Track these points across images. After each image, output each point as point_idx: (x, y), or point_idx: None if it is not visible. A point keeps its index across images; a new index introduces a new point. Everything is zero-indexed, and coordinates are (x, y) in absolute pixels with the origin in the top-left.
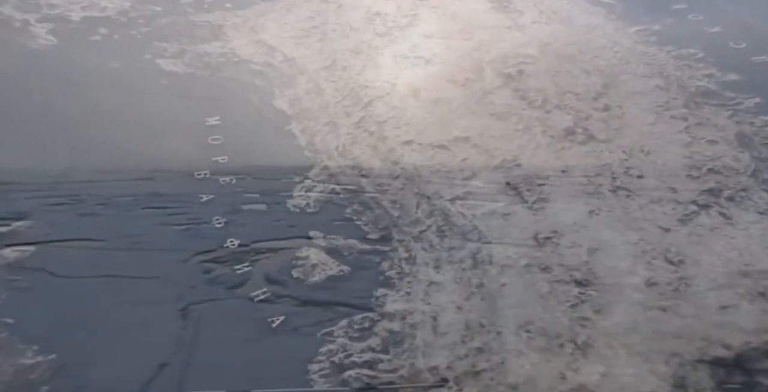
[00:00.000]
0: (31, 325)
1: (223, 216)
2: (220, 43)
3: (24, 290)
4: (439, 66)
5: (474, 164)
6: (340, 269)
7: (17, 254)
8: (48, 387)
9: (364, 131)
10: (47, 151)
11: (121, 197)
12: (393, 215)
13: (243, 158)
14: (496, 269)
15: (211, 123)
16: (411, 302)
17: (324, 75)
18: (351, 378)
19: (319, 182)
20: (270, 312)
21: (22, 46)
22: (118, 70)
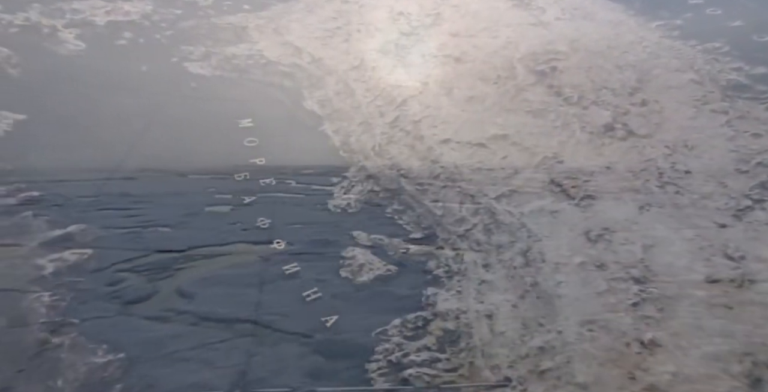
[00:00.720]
0: (99, 324)
1: (268, 217)
2: (246, 45)
3: (88, 292)
4: (469, 64)
5: (515, 161)
6: (387, 268)
7: (77, 256)
8: (121, 385)
9: (400, 130)
10: (87, 154)
11: (166, 196)
12: (436, 214)
13: (280, 160)
14: (550, 267)
15: (244, 125)
16: (463, 301)
17: (353, 75)
18: (411, 377)
19: (357, 182)
20: (318, 312)
21: (52, 52)
22: (147, 73)
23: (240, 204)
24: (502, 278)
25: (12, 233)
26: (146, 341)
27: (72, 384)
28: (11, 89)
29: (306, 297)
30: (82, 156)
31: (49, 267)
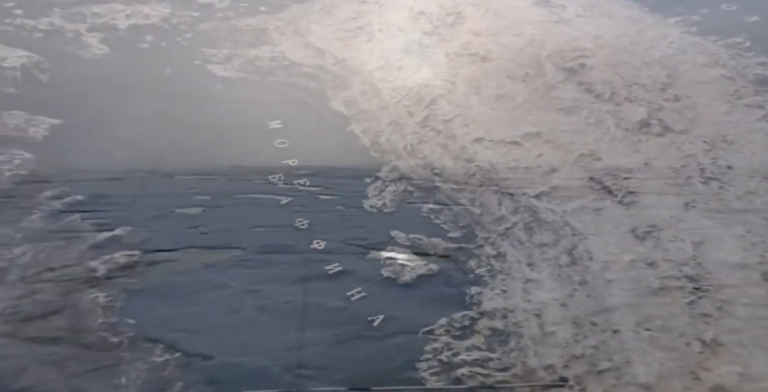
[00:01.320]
0: (152, 324)
1: (305, 218)
2: (268, 47)
3: (138, 292)
4: (496, 62)
5: (551, 159)
6: (428, 268)
7: (126, 258)
8: (182, 383)
9: (431, 129)
10: (123, 156)
11: (202, 196)
12: (474, 212)
13: (311, 161)
14: (599, 266)
15: (274, 127)
16: (510, 299)
17: (379, 75)
18: (464, 377)
19: (390, 182)
20: (369, 310)
21: (77, 56)
22: (172, 76)
23: (277, 205)
24: (548, 277)
25: (62, 236)
26: (204, 339)
27: (135, 383)
28: (44, 94)
29: (351, 297)
30: (119, 158)
31: (101, 269)
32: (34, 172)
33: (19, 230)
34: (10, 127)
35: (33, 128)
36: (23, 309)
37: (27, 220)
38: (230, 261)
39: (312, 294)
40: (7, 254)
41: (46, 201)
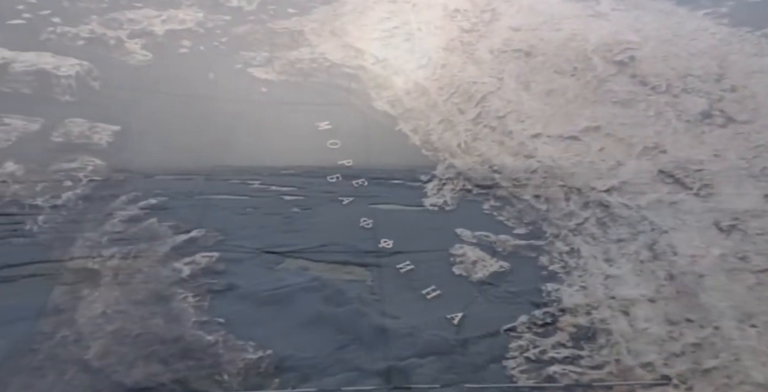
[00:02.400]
0: (241, 323)
1: (369, 217)
2: (307, 48)
3: (222, 292)
4: (541, 57)
5: (614, 153)
6: (499, 265)
7: (206, 259)
8: (279, 380)
9: (485, 126)
10: (183, 159)
11: (265, 198)
12: (540, 209)
13: (365, 161)
14: (685, 260)
15: (323, 128)
16: (591, 296)
17: (422, 74)
18: (557, 375)
19: (448, 180)
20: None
21: (122, 62)
22: (215, 81)
23: (339, 205)
24: (630, 273)
25: (145, 239)
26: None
27: (236, 378)
28: (98, 102)
29: (426, 295)
30: (181, 162)
31: (185, 270)
32: (108, 178)
33: (103, 234)
34: (75, 134)
35: (97, 135)
36: (118, 309)
37: (109, 224)
38: (303, 261)
39: (387, 293)
40: (97, 257)
41: (124, 205)
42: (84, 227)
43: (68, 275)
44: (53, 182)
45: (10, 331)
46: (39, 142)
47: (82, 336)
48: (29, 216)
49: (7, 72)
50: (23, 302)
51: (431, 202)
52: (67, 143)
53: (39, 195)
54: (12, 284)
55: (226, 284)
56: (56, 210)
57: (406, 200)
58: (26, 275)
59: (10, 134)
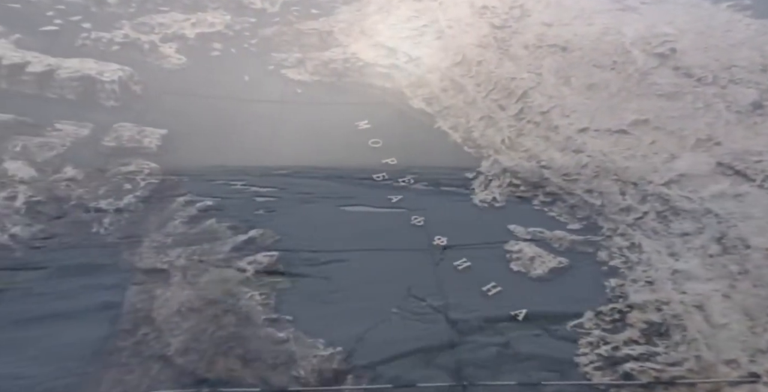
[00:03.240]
0: (308, 320)
1: (420, 215)
2: (339, 49)
3: (287, 291)
4: (578, 52)
5: (666, 146)
6: (558, 260)
7: (268, 258)
8: (352, 375)
9: (528, 122)
10: (231, 161)
11: (315, 196)
12: (593, 203)
13: (409, 159)
14: (761, 254)
15: (363, 127)
16: (659, 291)
17: (458, 71)
18: (634, 372)
19: (494, 177)
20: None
21: (157, 66)
22: (251, 83)
23: (388, 204)
24: (699, 267)
25: (207, 240)
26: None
27: (311, 374)
28: (142, 106)
29: (487, 292)
30: (230, 164)
31: (249, 269)
32: (163, 180)
33: (167, 235)
34: (126, 138)
35: (147, 139)
36: (192, 307)
37: (171, 225)
38: (359, 259)
39: (449, 290)
40: (164, 258)
41: (181, 207)
42: (148, 228)
43: (140, 276)
44: (113, 186)
45: (93, 329)
46: (91, 146)
47: (162, 333)
48: (95, 219)
49: (52, 78)
50: (101, 301)
51: (480, 198)
52: (119, 147)
53: (102, 198)
54: (88, 285)
55: (289, 283)
56: (119, 213)
57: (455, 197)
58: (101, 275)
59: (64, 140)
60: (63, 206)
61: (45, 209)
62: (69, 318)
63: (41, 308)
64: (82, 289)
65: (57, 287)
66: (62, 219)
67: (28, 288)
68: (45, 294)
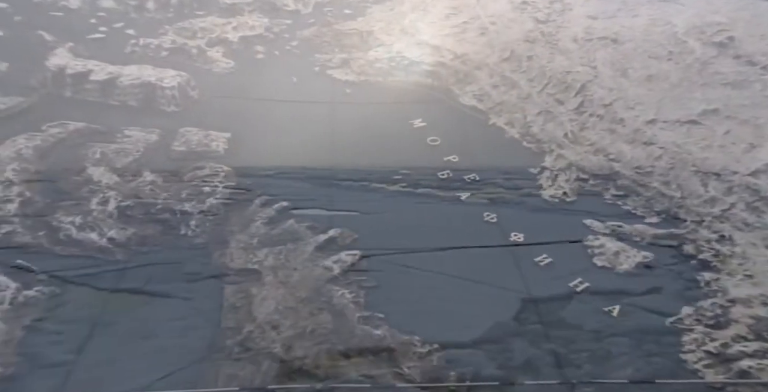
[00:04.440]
0: (399, 317)
1: (492, 212)
2: (383, 48)
3: (374, 289)
4: (629, 44)
5: (742, 135)
6: (642, 255)
7: (351, 257)
8: (455, 373)
9: (590, 115)
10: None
11: (383, 195)
12: (672, 196)
13: (469, 155)
14: None
15: (418, 125)
16: (762, 285)
17: (507, 67)
18: (752, 370)
19: (560, 171)
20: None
21: (207, 71)
22: (300, 84)
23: (457, 201)
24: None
25: (290, 240)
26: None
27: (414, 371)
28: (200, 110)
29: (575, 288)
30: (293, 164)
31: (335, 268)
32: (238, 183)
33: (252, 236)
34: (194, 142)
35: (214, 143)
36: (288, 305)
37: (254, 227)
38: (438, 257)
39: (534, 286)
40: (254, 258)
41: (260, 209)
42: (232, 230)
43: (233, 276)
44: (193, 189)
45: (199, 327)
46: (163, 151)
47: (265, 331)
48: (181, 221)
49: (115, 86)
50: (202, 301)
51: (550, 194)
52: (189, 152)
53: (185, 201)
54: (187, 285)
55: (375, 281)
56: (204, 215)
57: (523, 193)
58: (197, 276)
59: (137, 145)
60: (150, 210)
61: (134, 213)
62: (174, 316)
63: (148, 307)
64: (183, 289)
65: (159, 287)
66: (152, 223)
67: (135, 289)
68: (150, 294)
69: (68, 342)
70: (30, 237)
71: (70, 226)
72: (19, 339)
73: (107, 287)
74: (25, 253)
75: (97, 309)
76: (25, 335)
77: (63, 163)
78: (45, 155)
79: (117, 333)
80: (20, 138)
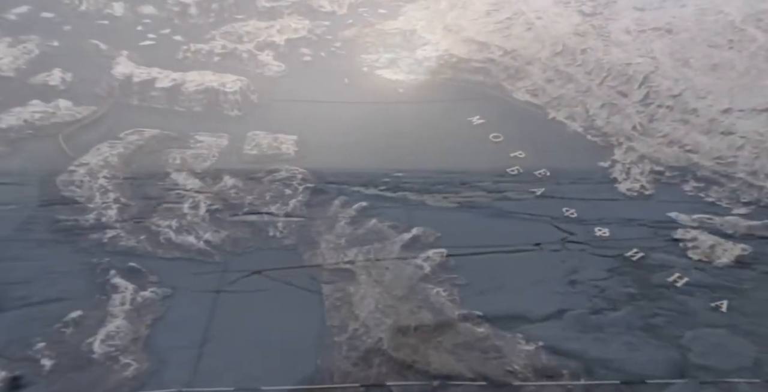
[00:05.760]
0: (496, 315)
1: (569, 206)
2: (429, 46)
3: (465, 286)
4: (685, 33)
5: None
6: (740, 248)
7: (439, 256)
8: (567, 371)
9: (659, 106)
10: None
11: (456, 193)
12: (762, 186)
13: (535, 151)
14: None
15: (477, 122)
16: None
17: (561, 61)
18: None
19: (632, 164)
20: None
21: (259, 74)
22: (353, 85)
23: (534, 197)
24: None
25: (375, 239)
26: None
27: (526, 369)
28: (262, 114)
29: (673, 283)
30: (362, 165)
31: (426, 267)
32: (315, 184)
33: (339, 236)
34: (264, 146)
35: (284, 145)
36: (387, 304)
37: (338, 227)
38: (525, 254)
39: (628, 282)
40: (344, 258)
41: (341, 209)
42: (319, 231)
43: (328, 275)
44: (275, 192)
45: (305, 324)
46: (236, 155)
47: (369, 329)
48: (269, 223)
49: (180, 92)
50: (302, 299)
51: (627, 187)
52: (261, 155)
53: (270, 204)
54: (287, 286)
55: (465, 279)
56: (289, 217)
57: (598, 186)
58: (294, 275)
59: (211, 150)
60: (238, 213)
61: (224, 216)
62: (280, 314)
63: (255, 306)
64: (283, 289)
65: (260, 286)
66: (241, 225)
67: (239, 289)
68: (252, 292)
69: (189, 339)
70: (134, 241)
71: (168, 230)
72: (144, 337)
73: (214, 288)
74: (133, 256)
75: (208, 308)
76: (149, 333)
77: (146, 169)
78: (129, 162)
79: (230, 331)
80: (103, 146)
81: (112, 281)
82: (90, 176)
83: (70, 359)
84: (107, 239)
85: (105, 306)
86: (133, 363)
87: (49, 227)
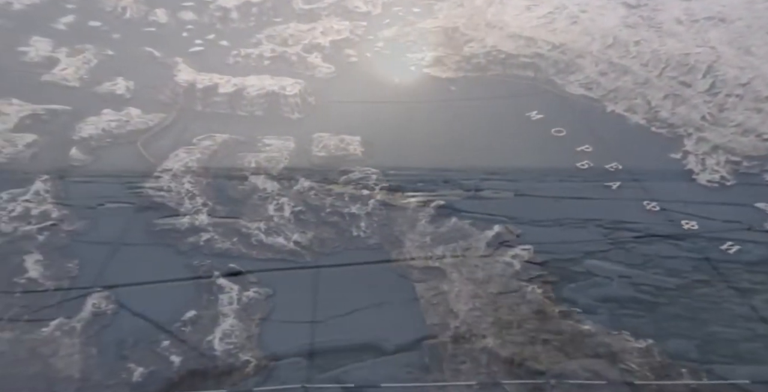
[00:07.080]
0: (595, 312)
1: (649, 199)
2: (475, 43)
3: (559, 283)
4: (739, 22)
5: None
6: None
7: (527, 252)
8: (685, 370)
9: (726, 95)
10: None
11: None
12: None
13: (601, 144)
14: None
15: (536, 118)
16: None
17: (613, 54)
18: None
19: (705, 155)
20: None
21: (310, 77)
22: (403, 84)
23: (610, 191)
24: None
25: (459, 237)
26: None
27: (643, 368)
28: (321, 115)
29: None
30: (427, 164)
31: (515, 264)
32: (390, 184)
33: (422, 235)
34: (332, 147)
35: (350, 147)
36: (486, 301)
37: (420, 226)
38: (611, 250)
39: (731, 277)
40: (431, 255)
41: (420, 208)
42: (401, 230)
43: (418, 274)
44: (354, 192)
45: (405, 321)
46: (305, 157)
47: (471, 326)
48: (351, 223)
49: (242, 97)
50: (396, 296)
51: (706, 178)
52: (330, 156)
53: (350, 204)
54: (376, 283)
55: (555, 276)
56: (370, 217)
57: (677, 178)
58: (382, 274)
59: (281, 153)
60: (320, 214)
61: (308, 218)
62: (375, 312)
63: (352, 304)
64: (375, 289)
65: (354, 284)
66: (325, 226)
67: (335, 287)
68: (347, 291)
69: (297, 337)
70: (229, 243)
71: (258, 231)
72: (257, 335)
73: (311, 286)
74: (231, 258)
75: (310, 307)
76: (260, 331)
77: (225, 173)
78: (207, 167)
79: (335, 330)
80: (180, 152)
81: (217, 282)
82: (175, 182)
83: (195, 356)
84: (203, 242)
85: (215, 306)
86: (252, 360)
87: (149, 231)
